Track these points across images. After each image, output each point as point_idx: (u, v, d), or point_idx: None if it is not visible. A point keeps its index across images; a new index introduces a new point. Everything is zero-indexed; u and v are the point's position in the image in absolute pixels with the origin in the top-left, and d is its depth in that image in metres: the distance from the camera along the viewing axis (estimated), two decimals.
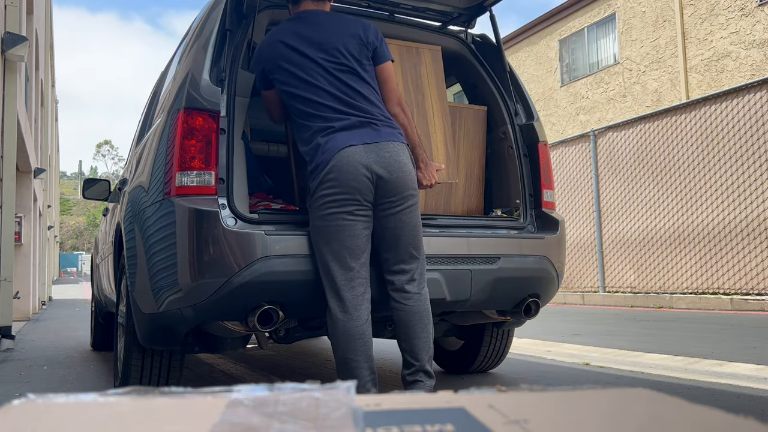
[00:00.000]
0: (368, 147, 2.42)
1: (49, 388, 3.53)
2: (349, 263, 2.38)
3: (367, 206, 2.41)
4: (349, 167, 2.37)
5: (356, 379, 2.27)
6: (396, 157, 2.44)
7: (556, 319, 7.47)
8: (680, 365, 3.72)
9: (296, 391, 0.49)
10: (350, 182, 2.37)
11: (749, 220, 8.18)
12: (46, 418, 0.44)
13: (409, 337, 2.44)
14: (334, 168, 2.37)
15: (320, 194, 2.38)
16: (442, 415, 0.44)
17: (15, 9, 6.32)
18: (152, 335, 2.61)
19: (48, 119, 15.81)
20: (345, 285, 2.38)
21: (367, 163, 2.39)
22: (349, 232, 2.38)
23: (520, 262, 2.84)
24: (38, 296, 12.28)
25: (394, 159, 2.43)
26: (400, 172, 2.44)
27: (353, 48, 2.50)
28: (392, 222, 2.46)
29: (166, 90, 3.00)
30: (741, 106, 8.32)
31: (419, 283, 2.49)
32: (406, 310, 2.45)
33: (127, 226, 2.86)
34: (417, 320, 2.45)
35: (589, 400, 0.50)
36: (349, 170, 2.37)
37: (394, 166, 2.43)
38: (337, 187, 2.36)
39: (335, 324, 2.37)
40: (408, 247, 2.49)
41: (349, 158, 2.38)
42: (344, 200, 2.37)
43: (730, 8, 12.41)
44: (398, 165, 2.44)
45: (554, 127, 16.56)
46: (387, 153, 2.43)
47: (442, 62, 3.06)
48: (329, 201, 2.37)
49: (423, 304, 2.47)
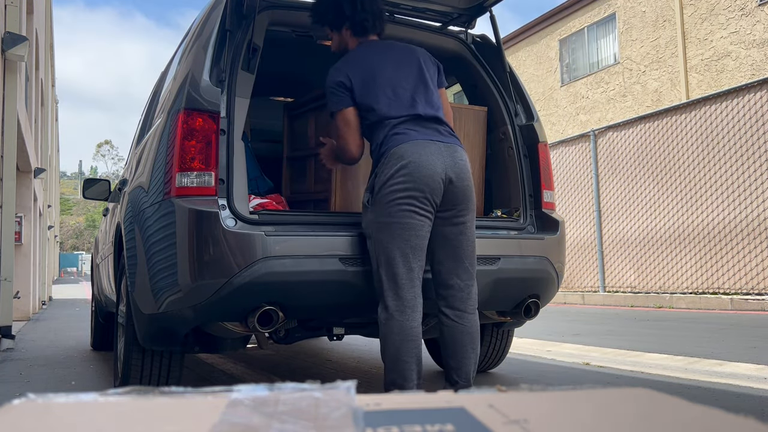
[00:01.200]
0: (444, 146, 2.43)
1: (49, 387, 3.53)
2: (411, 263, 2.36)
3: (433, 209, 2.40)
4: (426, 163, 2.35)
5: (406, 381, 2.30)
6: (465, 164, 2.47)
7: (556, 319, 7.47)
8: (680, 365, 3.72)
9: (296, 391, 0.49)
10: (425, 179, 2.35)
11: (749, 220, 8.17)
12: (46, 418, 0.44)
13: (458, 356, 2.43)
14: (410, 163, 2.34)
15: (390, 189, 2.34)
16: (442, 415, 0.44)
17: (15, 9, 6.32)
18: (152, 335, 2.61)
19: (48, 119, 15.81)
20: (407, 284, 2.34)
21: (443, 163, 2.39)
22: (415, 232, 2.36)
23: (520, 262, 2.84)
24: (38, 296, 12.28)
25: (464, 166, 2.45)
26: (468, 181, 2.46)
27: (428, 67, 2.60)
28: (453, 232, 2.45)
29: (166, 90, 3.00)
30: (741, 106, 8.32)
31: (474, 303, 2.48)
32: (460, 330, 2.43)
33: (127, 227, 2.86)
34: (469, 341, 2.44)
35: (589, 400, 0.50)
36: (426, 166, 2.35)
37: (464, 173, 2.44)
38: (410, 182, 2.33)
39: (391, 323, 2.32)
40: (465, 261, 2.47)
41: (426, 154, 2.37)
42: (416, 197, 2.34)
43: (730, 8, 12.41)
44: (467, 173, 2.46)
45: (554, 127, 16.56)
46: (459, 159, 2.45)
47: None
48: (400, 196, 2.33)
49: (476, 325, 2.47)
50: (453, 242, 2.45)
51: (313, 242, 2.44)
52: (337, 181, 2.83)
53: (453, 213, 2.43)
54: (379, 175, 2.39)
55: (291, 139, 3.28)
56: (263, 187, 3.26)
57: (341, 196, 2.83)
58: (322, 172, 2.96)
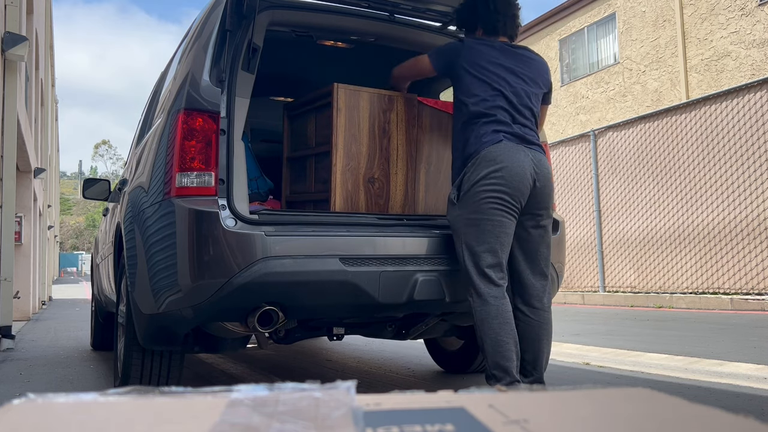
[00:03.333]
0: (532, 152, 2.57)
1: (50, 387, 3.53)
2: (500, 257, 2.51)
3: (519, 210, 2.54)
4: (518, 168, 2.49)
5: (509, 362, 2.42)
6: (549, 171, 2.62)
7: (555, 319, 7.46)
8: (680, 365, 3.72)
9: (296, 391, 0.49)
10: (516, 182, 2.49)
11: (749, 220, 8.18)
12: (47, 418, 0.44)
13: (533, 349, 2.58)
14: (504, 168, 2.47)
15: (482, 188, 2.47)
16: (442, 415, 0.44)
17: (15, 9, 6.32)
18: (152, 335, 2.61)
19: (48, 119, 15.81)
20: (497, 274, 2.49)
21: (531, 167, 2.53)
22: (504, 229, 2.50)
23: None
24: (38, 296, 12.28)
25: (548, 171, 2.60)
26: (550, 188, 2.61)
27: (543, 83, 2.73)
28: (534, 235, 2.60)
29: (166, 90, 3.00)
30: (741, 106, 8.32)
31: (549, 300, 2.66)
32: (535, 325, 2.59)
33: (127, 227, 2.86)
34: (544, 335, 2.61)
35: (589, 399, 0.50)
36: (518, 171, 2.49)
37: (548, 177, 2.59)
38: (502, 185, 2.47)
39: (488, 308, 2.44)
40: (542, 264, 2.63)
41: (518, 159, 2.51)
42: (506, 198, 2.48)
43: (730, 8, 12.41)
44: (550, 178, 2.61)
45: (554, 127, 16.56)
46: (544, 166, 2.59)
47: (416, 108, 3.05)
48: (491, 196, 2.47)
49: (550, 321, 2.64)
50: (532, 244, 2.61)
51: (313, 242, 2.44)
52: (337, 181, 2.83)
53: (534, 215, 2.58)
54: (469, 174, 2.50)
55: (291, 139, 3.28)
56: (263, 187, 3.26)
57: (341, 196, 2.83)
58: (322, 173, 2.96)
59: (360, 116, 2.87)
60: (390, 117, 2.93)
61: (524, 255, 2.61)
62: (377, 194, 2.89)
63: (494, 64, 2.62)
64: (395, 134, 2.95)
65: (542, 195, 2.56)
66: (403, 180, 2.96)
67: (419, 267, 2.58)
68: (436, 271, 2.63)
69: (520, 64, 2.68)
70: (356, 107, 2.85)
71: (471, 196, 2.48)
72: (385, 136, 2.92)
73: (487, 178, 2.46)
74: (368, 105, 2.89)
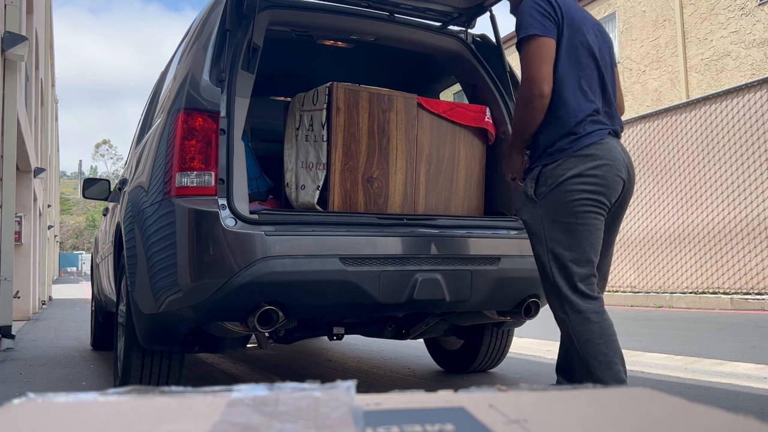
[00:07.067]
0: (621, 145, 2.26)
1: (50, 387, 3.53)
2: (595, 267, 2.19)
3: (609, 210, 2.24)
4: (617, 166, 2.18)
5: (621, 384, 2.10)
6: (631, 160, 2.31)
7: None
8: (680, 365, 3.72)
9: (296, 390, 0.49)
10: (614, 182, 2.18)
11: (749, 220, 8.17)
12: (47, 418, 0.44)
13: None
14: (604, 165, 2.15)
15: (577, 186, 2.13)
16: (442, 415, 0.44)
17: (15, 8, 6.32)
18: (152, 335, 2.61)
19: (48, 119, 15.81)
20: (592, 287, 2.18)
21: (625, 164, 2.23)
22: (598, 235, 2.19)
23: (520, 262, 2.84)
24: (38, 296, 12.28)
25: (631, 162, 2.31)
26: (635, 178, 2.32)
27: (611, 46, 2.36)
28: (611, 226, 2.31)
29: (166, 90, 3.00)
30: (741, 106, 8.32)
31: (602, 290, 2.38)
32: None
33: (127, 226, 2.86)
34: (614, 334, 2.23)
35: (589, 399, 0.50)
36: (616, 169, 2.18)
37: (634, 171, 2.30)
38: (600, 184, 2.15)
39: (590, 326, 2.13)
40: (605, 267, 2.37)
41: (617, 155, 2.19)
42: (602, 200, 2.17)
43: (730, 8, 12.41)
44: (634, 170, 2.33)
45: None
46: (629, 157, 2.29)
47: (415, 108, 3.04)
48: (588, 197, 2.14)
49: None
50: (609, 236, 2.33)
51: (313, 242, 2.44)
52: (335, 180, 2.83)
53: (617, 208, 2.30)
54: (559, 168, 2.14)
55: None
56: (263, 187, 3.26)
57: (340, 195, 2.83)
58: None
59: (359, 115, 2.87)
60: (389, 116, 2.93)
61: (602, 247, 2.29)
62: (376, 194, 2.89)
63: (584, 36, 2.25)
64: (395, 134, 2.95)
65: (629, 190, 2.28)
66: (403, 180, 2.96)
67: (419, 267, 2.58)
68: (436, 270, 2.63)
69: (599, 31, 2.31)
70: (355, 106, 2.85)
71: (560, 194, 2.13)
72: (384, 136, 2.92)
73: (583, 176, 2.12)
74: (368, 104, 2.88)
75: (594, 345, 2.12)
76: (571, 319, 2.15)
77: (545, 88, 2.11)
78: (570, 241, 2.15)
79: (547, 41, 2.11)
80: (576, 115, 2.15)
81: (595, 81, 2.23)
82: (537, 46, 2.11)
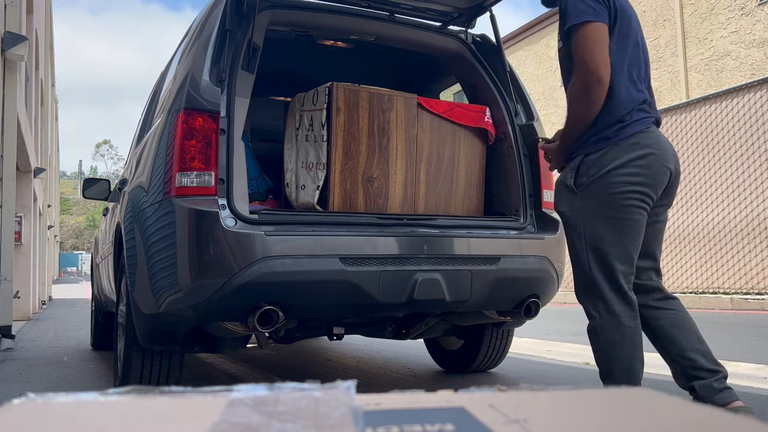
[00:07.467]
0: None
1: (50, 387, 3.53)
2: (634, 266, 2.10)
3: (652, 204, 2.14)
4: (664, 158, 2.08)
5: None
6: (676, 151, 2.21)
7: (556, 318, 7.47)
8: None
9: (296, 390, 0.49)
10: (661, 175, 2.07)
11: (749, 220, 8.18)
12: (47, 418, 0.44)
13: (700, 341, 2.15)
14: (650, 155, 2.04)
15: (622, 178, 2.02)
16: (442, 415, 0.44)
17: (15, 8, 6.32)
18: (152, 335, 2.61)
19: (48, 119, 15.81)
20: (630, 288, 2.09)
21: (673, 156, 2.13)
22: (640, 231, 2.09)
23: (520, 262, 2.84)
24: (38, 296, 12.28)
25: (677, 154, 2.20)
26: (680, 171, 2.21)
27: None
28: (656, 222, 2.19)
29: (166, 90, 3.00)
30: (741, 106, 8.32)
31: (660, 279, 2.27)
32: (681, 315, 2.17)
33: (127, 226, 2.87)
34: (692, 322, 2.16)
35: (589, 399, 0.50)
36: (664, 162, 2.07)
37: (678, 162, 2.19)
38: (647, 176, 2.04)
39: (622, 330, 2.05)
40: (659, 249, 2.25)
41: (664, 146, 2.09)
42: (648, 193, 2.06)
43: (730, 8, 12.41)
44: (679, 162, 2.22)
45: (554, 126, 16.55)
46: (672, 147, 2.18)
47: (415, 108, 3.04)
48: (633, 189, 2.03)
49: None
50: (653, 239, 2.21)
51: (313, 242, 2.44)
52: (335, 180, 2.83)
53: (662, 203, 2.18)
54: (603, 158, 2.04)
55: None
56: (263, 187, 3.26)
57: (339, 195, 2.83)
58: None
59: (359, 115, 2.87)
60: (389, 116, 2.93)
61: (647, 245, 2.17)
62: (376, 194, 2.89)
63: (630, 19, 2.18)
64: (395, 134, 2.95)
65: (674, 184, 2.18)
66: (402, 179, 2.96)
67: (419, 267, 2.58)
68: (437, 270, 2.63)
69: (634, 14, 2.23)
70: (355, 106, 2.85)
71: (603, 186, 2.03)
72: (384, 136, 2.92)
73: (628, 167, 2.01)
74: (368, 104, 2.89)
75: (620, 348, 2.04)
76: (602, 318, 2.07)
77: (604, 74, 1.99)
78: (612, 236, 2.05)
79: (602, 26, 2.01)
80: (626, 106, 2.06)
81: (642, 70, 2.15)
82: (592, 31, 1.99)
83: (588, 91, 2.01)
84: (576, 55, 2.02)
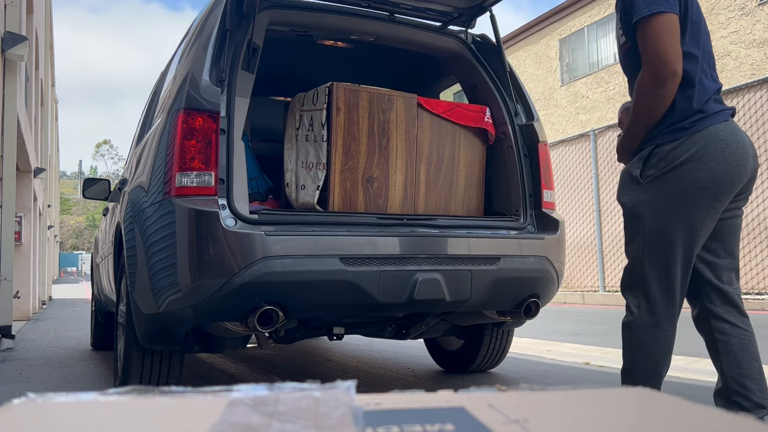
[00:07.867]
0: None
1: (50, 387, 3.53)
2: (690, 270, 1.98)
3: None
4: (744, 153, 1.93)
5: None
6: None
7: (556, 318, 7.47)
8: (680, 364, 3.72)
9: (296, 390, 0.49)
10: (740, 172, 1.92)
11: (749, 220, 8.18)
12: (47, 418, 0.44)
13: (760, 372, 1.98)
14: (729, 148, 1.90)
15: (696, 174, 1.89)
16: (442, 415, 0.44)
17: (15, 8, 6.32)
18: (152, 335, 2.61)
19: (48, 119, 15.81)
20: (681, 290, 1.98)
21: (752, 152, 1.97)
22: (706, 232, 1.95)
23: (520, 262, 2.84)
24: (38, 296, 12.28)
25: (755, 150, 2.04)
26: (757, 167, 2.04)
27: None
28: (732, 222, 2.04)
29: (166, 90, 3.00)
30: (741, 105, 8.32)
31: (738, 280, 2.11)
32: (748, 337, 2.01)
33: (127, 226, 2.87)
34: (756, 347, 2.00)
35: (589, 399, 0.50)
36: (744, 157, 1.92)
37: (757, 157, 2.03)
38: (724, 172, 1.90)
39: (657, 331, 1.97)
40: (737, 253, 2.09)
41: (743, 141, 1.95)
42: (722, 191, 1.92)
43: (730, 7, 12.41)
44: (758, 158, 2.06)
45: (554, 126, 16.56)
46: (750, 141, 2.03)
47: (415, 108, 3.04)
48: (706, 186, 1.89)
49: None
50: (731, 234, 2.04)
51: (313, 242, 2.44)
52: (335, 180, 2.83)
53: (737, 201, 2.03)
54: (676, 150, 1.90)
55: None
56: (263, 187, 3.26)
57: (340, 195, 2.83)
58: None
59: (359, 115, 2.87)
60: (389, 116, 2.94)
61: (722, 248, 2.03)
62: (376, 194, 2.89)
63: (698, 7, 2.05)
64: (395, 133, 2.95)
65: (751, 182, 2.03)
66: (403, 179, 2.96)
67: (419, 267, 2.58)
68: (437, 270, 2.63)
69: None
70: (355, 106, 2.85)
71: (672, 181, 1.90)
72: (384, 136, 2.92)
73: (705, 161, 1.88)
74: (368, 104, 2.89)
75: (652, 349, 1.97)
76: (642, 316, 1.98)
77: (678, 66, 1.88)
78: (674, 236, 1.93)
79: (673, 17, 1.90)
80: (704, 94, 1.95)
81: (712, 60, 2.05)
82: (665, 22, 1.88)
83: (661, 86, 1.89)
84: (647, 48, 1.91)
